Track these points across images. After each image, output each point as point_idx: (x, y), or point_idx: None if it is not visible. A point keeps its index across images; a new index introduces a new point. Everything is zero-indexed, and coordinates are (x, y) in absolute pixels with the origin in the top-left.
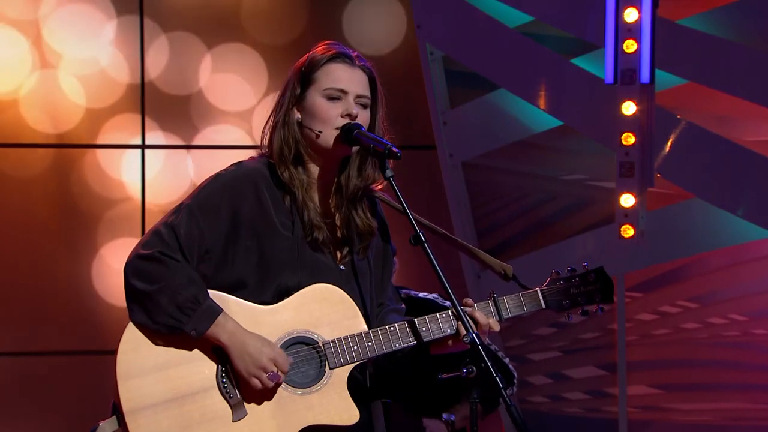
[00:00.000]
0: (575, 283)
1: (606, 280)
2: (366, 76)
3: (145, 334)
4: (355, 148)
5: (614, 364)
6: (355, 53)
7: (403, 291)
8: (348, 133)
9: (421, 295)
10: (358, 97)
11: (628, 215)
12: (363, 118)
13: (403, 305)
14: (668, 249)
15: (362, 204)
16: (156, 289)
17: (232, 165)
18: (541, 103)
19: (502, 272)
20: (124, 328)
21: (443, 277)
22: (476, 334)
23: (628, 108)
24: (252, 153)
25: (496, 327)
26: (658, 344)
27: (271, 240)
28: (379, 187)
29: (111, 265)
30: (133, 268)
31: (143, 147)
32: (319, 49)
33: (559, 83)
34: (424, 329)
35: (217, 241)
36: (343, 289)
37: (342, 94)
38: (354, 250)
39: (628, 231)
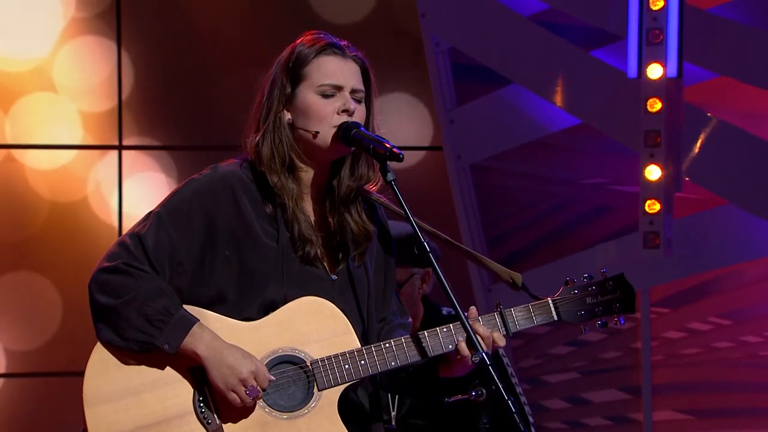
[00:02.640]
0: (592, 291)
1: (627, 288)
2: (358, 67)
3: (114, 355)
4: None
5: (638, 387)
6: (345, 42)
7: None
8: (346, 132)
9: None
10: (354, 91)
11: (653, 223)
12: (359, 113)
13: (410, 320)
14: (698, 260)
15: (357, 206)
16: (122, 302)
17: (207, 168)
18: (558, 99)
19: (511, 280)
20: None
21: (449, 290)
22: (487, 354)
23: (654, 104)
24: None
25: (501, 341)
26: (687, 365)
27: (253, 250)
28: (374, 187)
29: (82, 279)
30: (97, 283)
31: (120, 148)
32: (306, 41)
33: (577, 78)
34: (422, 345)
35: (191, 251)
36: (337, 302)
37: (337, 90)
38: (349, 256)
39: (653, 240)
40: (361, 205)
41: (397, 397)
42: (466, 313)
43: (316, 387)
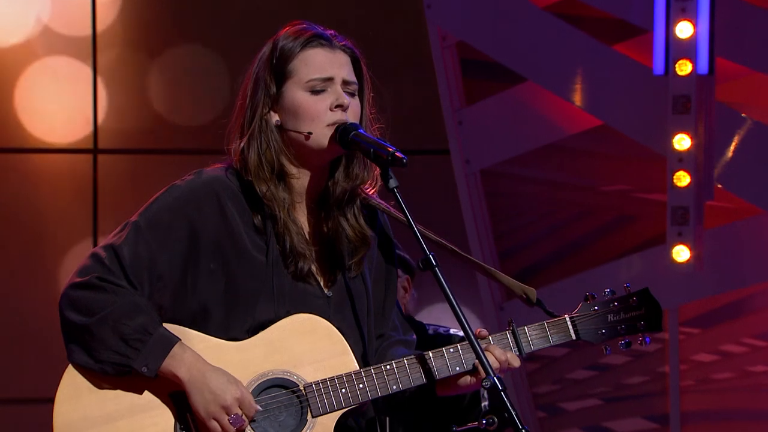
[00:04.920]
0: (614, 308)
1: (652, 303)
2: (348, 57)
3: (87, 379)
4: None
5: (666, 416)
6: (331, 31)
7: (431, 327)
8: (344, 134)
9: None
10: (345, 83)
11: (682, 234)
12: (353, 108)
13: (414, 336)
14: (731, 275)
15: (353, 209)
16: (95, 321)
17: (190, 174)
18: (577, 98)
19: (524, 296)
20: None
21: (458, 308)
22: (498, 378)
23: (682, 104)
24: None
25: (516, 363)
26: (720, 391)
27: (240, 263)
28: (373, 190)
29: (55, 294)
30: (68, 299)
31: (95, 151)
32: (289, 34)
33: (598, 75)
34: (427, 367)
35: (173, 264)
36: (333, 320)
37: (327, 84)
38: (345, 266)
39: (682, 253)
40: (359, 209)
41: (388, 426)
42: (474, 332)
43: (309, 413)
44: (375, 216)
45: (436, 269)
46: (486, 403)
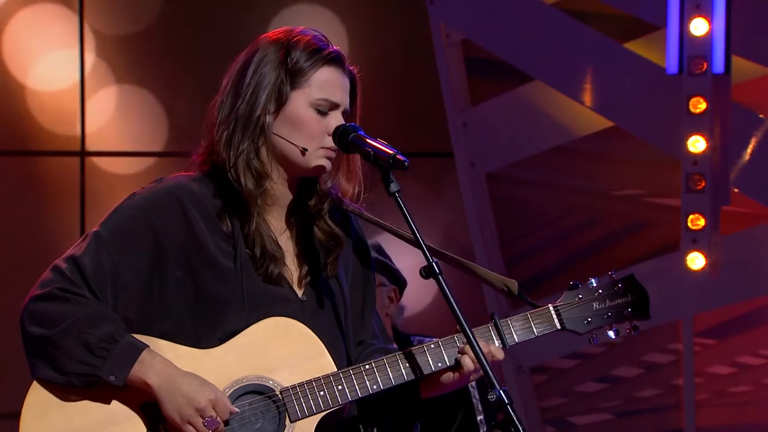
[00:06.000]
0: (599, 296)
1: (639, 290)
2: (349, 82)
3: (54, 394)
4: None
5: (681, 431)
6: (339, 49)
7: (416, 338)
8: (343, 136)
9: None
10: (344, 111)
11: (697, 241)
12: None
13: (395, 346)
14: (748, 284)
15: (325, 216)
16: (58, 332)
17: (151, 182)
18: (586, 98)
19: (505, 288)
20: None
21: (460, 315)
22: (504, 391)
23: (697, 105)
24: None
25: (500, 355)
26: (736, 405)
27: (208, 270)
28: (347, 196)
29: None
30: (29, 313)
31: (83, 154)
32: (306, 44)
33: (608, 74)
34: (408, 364)
35: (138, 274)
36: (308, 324)
37: (332, 108)
38: (319, 267)
39: (697, 261)
40: (328, 214)
41: None
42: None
43: (288, 418)
44: (348, 221)
45: (439, 277)
46: (482, 417)
